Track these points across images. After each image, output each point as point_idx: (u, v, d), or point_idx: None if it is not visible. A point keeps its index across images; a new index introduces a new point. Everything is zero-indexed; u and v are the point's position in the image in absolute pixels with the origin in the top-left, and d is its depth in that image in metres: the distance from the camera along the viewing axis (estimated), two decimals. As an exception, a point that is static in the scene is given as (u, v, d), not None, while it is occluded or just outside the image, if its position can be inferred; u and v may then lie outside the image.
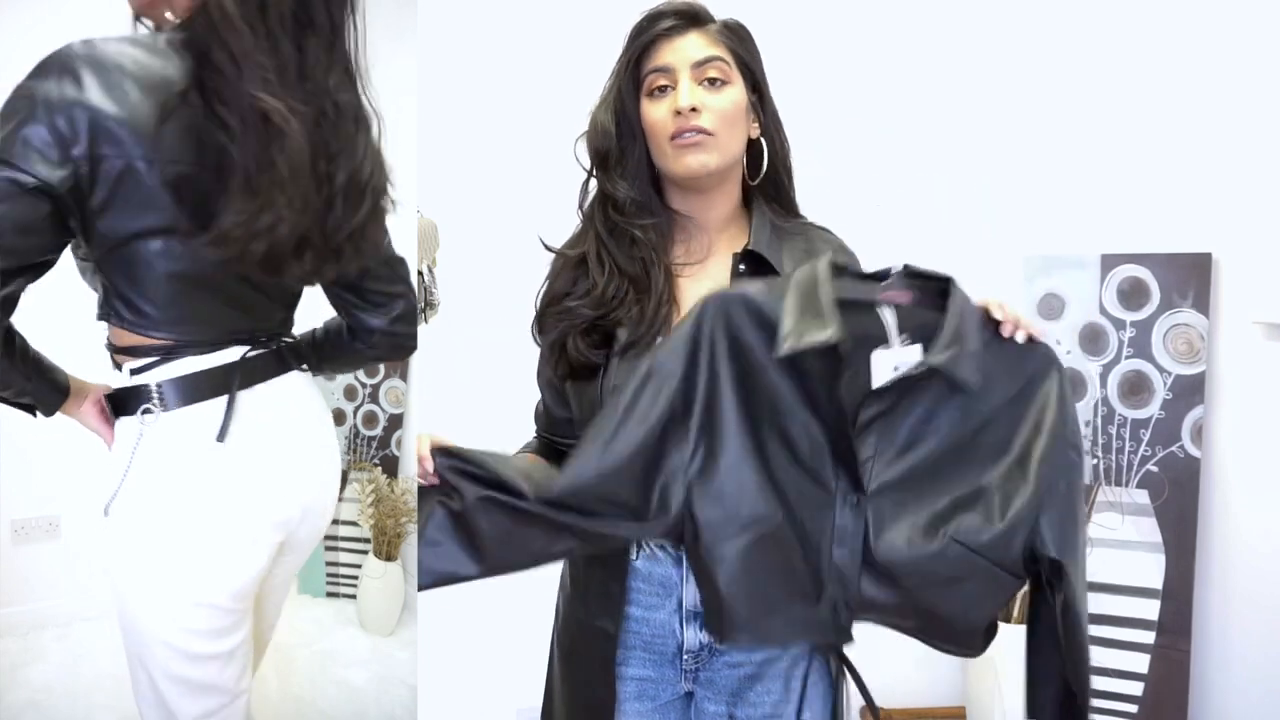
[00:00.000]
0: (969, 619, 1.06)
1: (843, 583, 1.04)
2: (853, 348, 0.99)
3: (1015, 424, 1.05)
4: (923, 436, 1.05)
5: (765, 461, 1.02)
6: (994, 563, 1.02)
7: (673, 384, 1.01)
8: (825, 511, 1.03)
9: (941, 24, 2.17)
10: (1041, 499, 1.03)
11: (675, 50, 1.17)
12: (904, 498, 1.04)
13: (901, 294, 1.04)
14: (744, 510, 1.01)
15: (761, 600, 1.02)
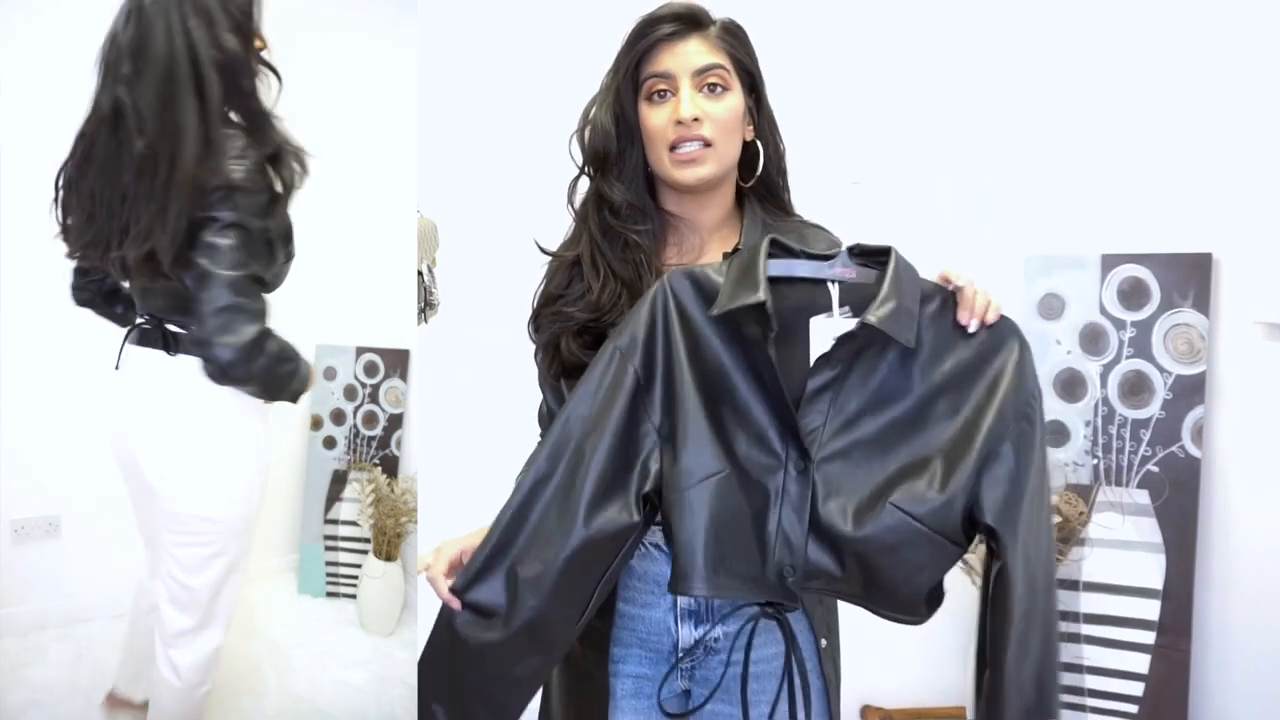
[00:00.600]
0: (911, 586, 1.06)
1: (789, 548, 1.06)
2: (798, 318, 1.05)
3: (967, 393, 1.07)
4: (874, 407, 1.07)
5: (717, 424, 1.07)
6: (934, 530, 1.03)
7: (635, 360, 1.08)
8: (774, 477, 1.06)
9: (942, 24, 2.17)
10: (983, 467, 1.04)
11: (676, 56, 1.16)
12: (851, 466, 1.06)
13: (847, 270, 1.08)
14: (701, 463, 1.05)
15: (714, 553, 1.05)
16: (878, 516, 1.03)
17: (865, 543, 1.04)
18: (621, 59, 1.20)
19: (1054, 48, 2.15)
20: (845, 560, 1.05)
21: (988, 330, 1.08)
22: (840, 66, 2.17)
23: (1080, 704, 2.16)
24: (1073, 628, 2.16)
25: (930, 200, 2.19)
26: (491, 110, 2.21)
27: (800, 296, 1.07)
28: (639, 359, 1.08)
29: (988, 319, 1.07)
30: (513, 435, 2.27)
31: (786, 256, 1.08)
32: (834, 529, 1.04)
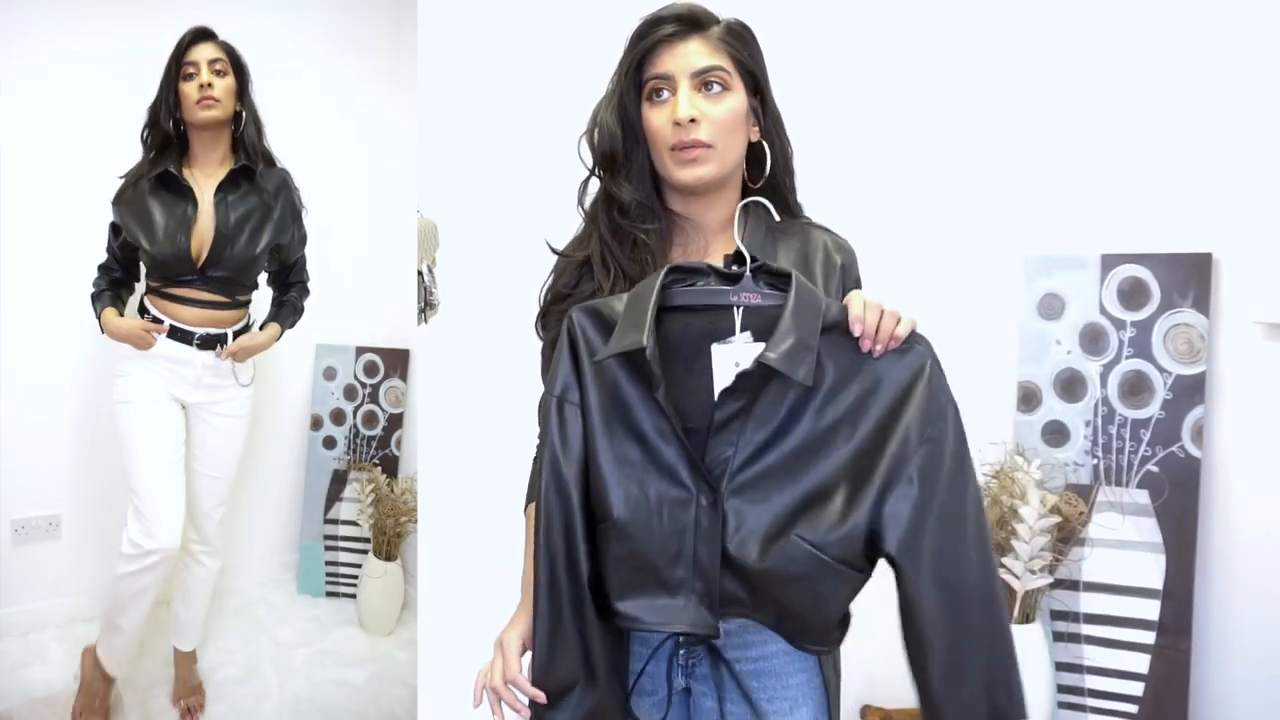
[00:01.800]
0: (820, 615, 1.07)
1: (705, 579, 1.07)
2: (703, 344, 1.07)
3: (870, 418, 1.06)
4: (781, 435, 1.07)
5: (620, 462, 1.08)
6: (836, 560, 1.04)
7: (575, 397, 1.10)
8: (685, 510, 1.07)
9: (942, 24, 2.17)
10: (885, 494, 1.04)
11: (676, 57, 1.16)
12: (760, 496, 1.06)
13: (752, 294, 1.08)
14: (600, 503, 1.08)
15: (625, 587, 1.08)
16: (784, 549, 1.04)
17: (772, 574, 1.04)
18: (624, 60, 1.20)
19: (1054, 48, 2.15)
20: (754, 590, 1.06)
21: (896, 352, 1.07)
22: (840, 66, 2.17)
23: (1080, 704, 2.16)
24: (1073, 628, 2.16)
25: (930, 200, 2.19)
26: (492, 110, 2.20)
27: (705, 321, 1.08)
28: (577, 396, 1.10)
29: (895, 336, 1.06)
30: (513, 435, 2.27)
31: (693, 278, 1.09)
32: (742, 562, 1.05)
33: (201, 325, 2.12)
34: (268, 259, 2.22)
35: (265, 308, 2.36)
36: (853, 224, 1.79)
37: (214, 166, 2.13)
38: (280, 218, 2.16)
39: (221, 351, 2.14)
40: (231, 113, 2.12)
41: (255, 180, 2.14)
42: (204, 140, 2.11)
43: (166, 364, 2.12)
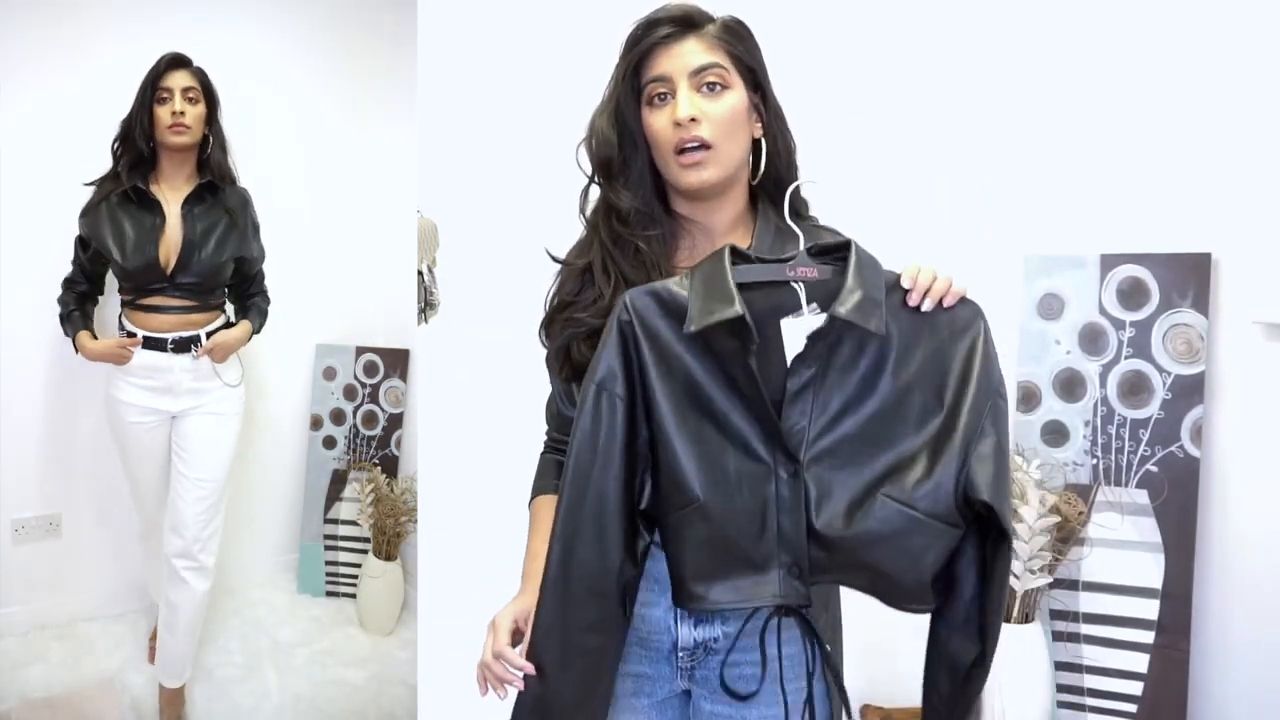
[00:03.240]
0: (916, 572, 1.07)
1: (792, 550, 1.07)
2: (768, 321, 1.06)
3: (942, 378, 1.08)
4: (856, 401, 1.09)
5: (695, 441, 1.08)
6: (929, 515, 1.05)
7: (618, 388, 1.09)
8: (765, 484, 1.08)
9: (942, 24, 2.17)
10: (969, 447, 1.06)
11: (673, 58, 1.16)
12: (841, 463, 1.07)
13: (808, 270, 1.09)
14: (678, 488, 1.07)
15: (704, 571, 1.07)
16: (871, 510, 1.05)
17: (862, 537, 1.05)
18: (620, 65, 1.19)
19: (1054, 48, 2.15)
20: (845, 555, 1.07)
21: (953, 312, 1.10)
22: (840, 66, 2.17)
23: (1080, 704, 2.16)
24: (1072, 627, 2.17)
25: (930, 200, 2.19)
26: (492, 110, 2.21)
27: (767, 300, 1.08)
28: (621, 386, 1.09)
29: (946, 300, 1.09)
30: (513, 435, 2.27)
31: (744, 263, 1.10)
32: (830, 531, 1.05)
33: (174, 330, 2.16)
34: (231, 271, 2.29)
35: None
36: (853, 224, 1.79)
37: (180, 182, 2.23)
38: (243, 231, 2.26)
39: (197, 351, 2.16)
40: (200, 137, 2.18)
41: (219, 196, 2.23)
42: (173, 159, 2.22)
43: (146, 373, 2.17)
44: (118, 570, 2.64)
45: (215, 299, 2.26)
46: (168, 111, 2.13)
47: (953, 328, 1.10)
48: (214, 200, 2.21)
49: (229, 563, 2.75)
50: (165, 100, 2.14)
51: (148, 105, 2.14)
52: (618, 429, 1.08)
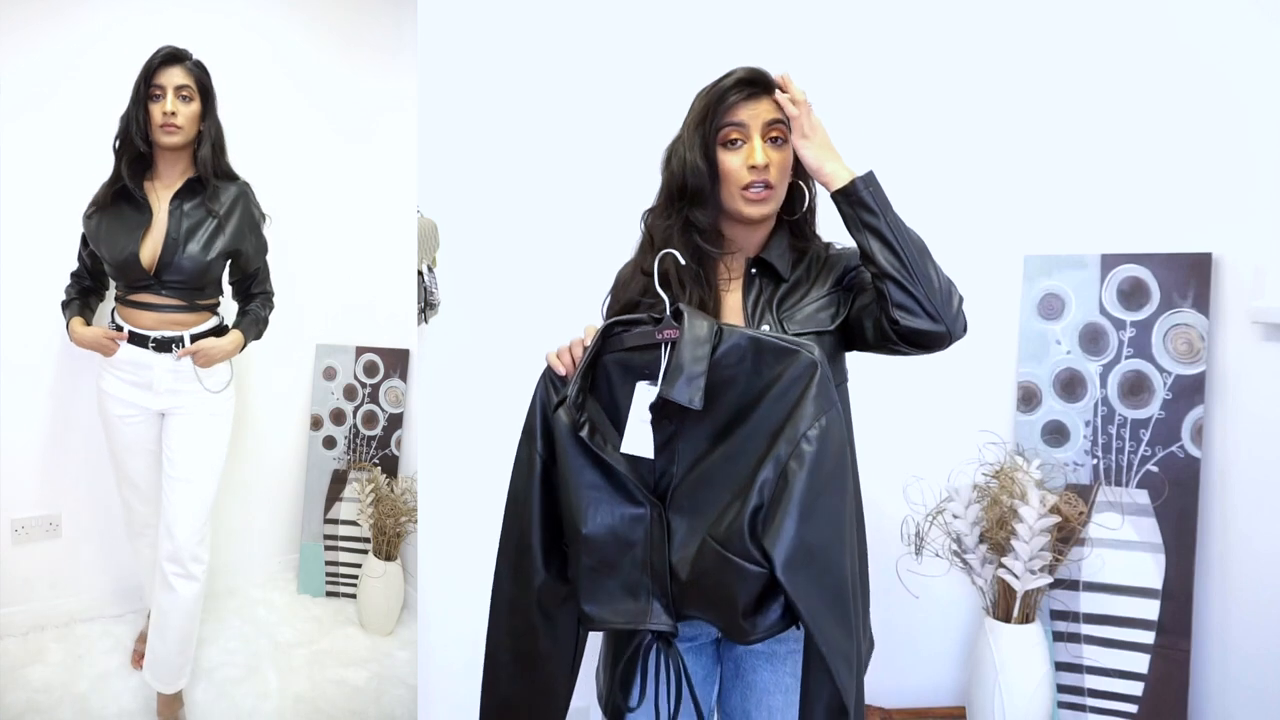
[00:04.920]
0: (729, 605, 1.18)
1: (660, 582, 1.25)
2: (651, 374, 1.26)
3: (770, 425, 1.20)
4: (707, 451, 1.25)
5: (589, 487, 1.27)
6: (733, 554, 1.16)
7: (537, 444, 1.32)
8: (640, 524, 1.27)
9: (943, 24, 2.17)
10: (762, 490, 1.16)
11: (750, 111, 1.38)
12: (691, 506, 1.24)
13: (672, 331, 1.25)
14: (571, 523, 1.27)
15: (592, 593, 1.27)
16: (697, 549, 1.21)
17: (696, 573, 1.21)
18: (702, 109, 1.40)
19: (1054, 47, 2.15)
20: (689, 588, 1.22)
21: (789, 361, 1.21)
22: (841, 66, 2.17)
23: (1080, 704, 2.16)
24: (1073, 628, 2.17)
25: (930, 200, 2.19)
26: (492, 110, 2.21)
27: (646, 358, 1.28)
28: (539, 444, 1.32)
29: (796, 102, 1.35)
30: (512, 435, 2.27)
31: (633, 325, 1.29)
32: (678, 572, 1.23)
33: (158, 328, 2.16)
34: (227, 267, 2.28)
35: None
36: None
37: (174, 179, 2.22)
38: (236, 227, 2.22)
39: (178, 352, 2.16)
40: (194, 135, 2.17)
41: (209, 191, 2.20)
42: (166, 157, 2.20)
43: (129, 368, 2.17)
44: (118, 570, 2.64)
45: (205, 298, 2.24)
46: (159, 110, 2.12)
47: (791, 377, 1.20)
48: (203, 196, 2.19)
49: (229, 563, 2.74)
50: (158, 98, 2.12)
51: (142, 102, 2.12)
52: (535, 475, 1.31)
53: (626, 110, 2.13)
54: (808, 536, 1.13)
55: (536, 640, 1.34)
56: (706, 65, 1.47)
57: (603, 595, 1.26)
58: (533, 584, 1.32)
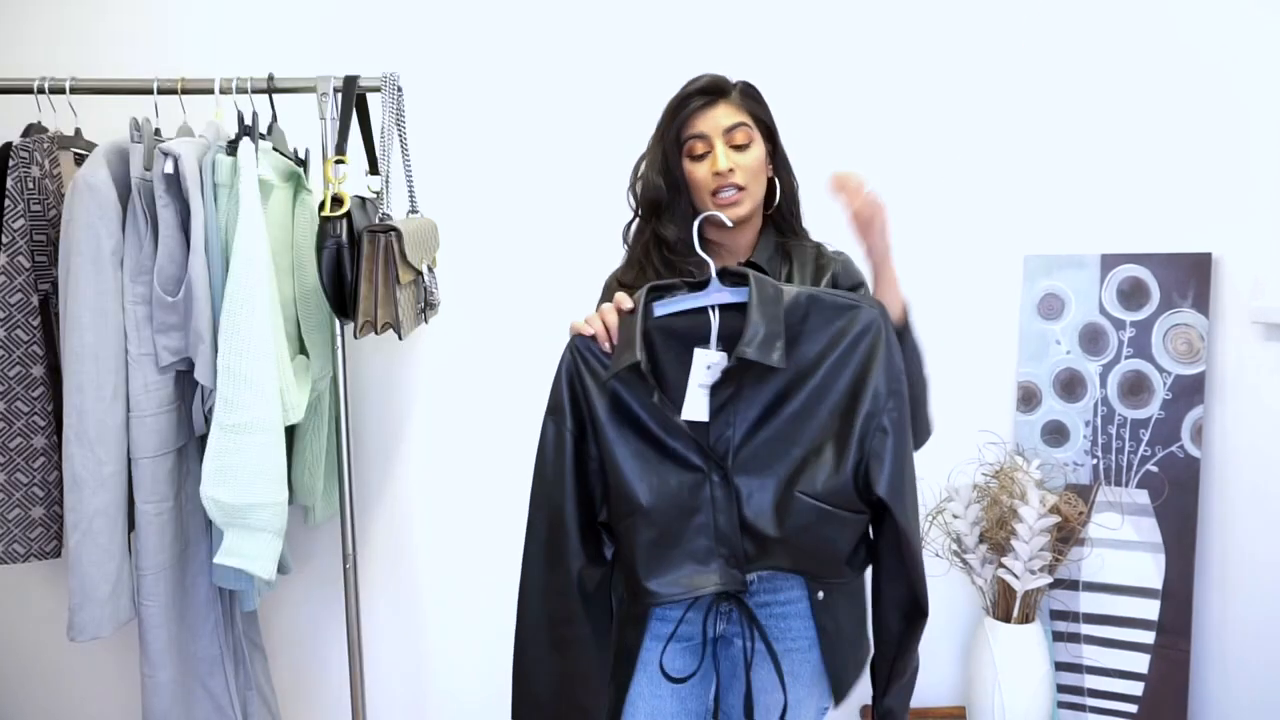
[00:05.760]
0: (832, 554, 1.25)
1: (728, 544, 1.25)
2: (692, 342, 1.26)
3: (843, 382, 1.24)
4: (772, 409, 1.25)
5: (636, 457, 1.26)
6: (836, 506, 1.21)
7: (567, 421, 1.29)
8: (700, 489, 1.25)
9: (943, 24, 2.17)
10: (867, 446, 1.22)
11: (708, 120, 1.40)
12: (762, 465, 1.25)
13: (721, 293, 1.26)
14: (624, 499, 1.25)
15: (654, 566, 1.24)
16: (791, 507, 1.22)
17: (787, 531, 1.22)
18: (664, 127, 1.43)
19: (1054, 48, 2.15)
20: (772, 544, 1.23)
21: (854, 316, 1.25)
22: (841, 66, 2.17)
23: (1080, 704, 2.16)
24: (1073, 627, 2.17)
25: (930, 200, 2.19)
26: (492, 110, 2.21)
27: (690, 322, 1.27)
28: (569, 420, 1.29)
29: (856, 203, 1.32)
30: (512, 435, 2.27)
31: (670, 295, 1.28)
32: (760, 526, 1.23)
33: None
34: None
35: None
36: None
37: None
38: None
39: None
40: None
41: None
42: None
43: None
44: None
45: None
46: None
47: (854, 332, 1.24)
48: None
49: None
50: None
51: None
52: (566, 452, 1.28)
53: (626, 110, 2.13)
54: (903, 472, 1.23)
55: (574, 626, 1.29)
56: (706, 66, 1.47)
57: (665, 567, 1.24)
58: (571, 568, 1.28)
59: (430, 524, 2.30)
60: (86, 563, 1.68)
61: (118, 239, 1.68)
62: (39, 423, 1.77)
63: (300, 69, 1.91)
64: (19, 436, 1.76)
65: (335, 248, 1.72)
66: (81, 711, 2.33)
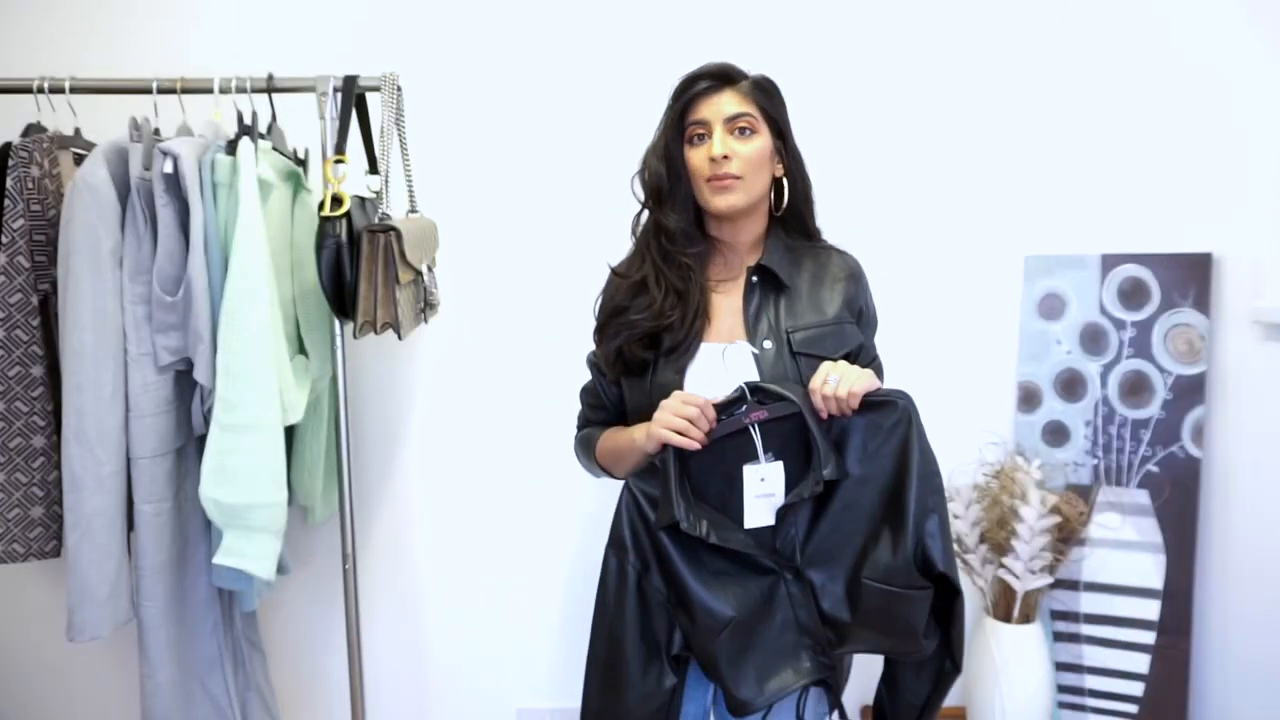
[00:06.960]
0: (909, 631, 1.29)
1: (812, 634, 1.33)
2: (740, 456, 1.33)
3: (884, 469, 1.31)
4: (826, 504, 1.33)
5: (712, 575, 1.33)
6: (902, 587, 1.27)
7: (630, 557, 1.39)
8: (777, 588, 1.34)
9: (943, 23, 2.17)
10: (921, 526, 1.28)
11: (711, 106, 1.38)
12: (828, 557, 1.33)
13: (758, 412, 1.32)
14: (711, 616, 1.32)
15: (752, 676, 1.31)
16: (861, 591, 1.29)
17: (861, 617, 1.30)
18: (668, 112, 1.41)
19: (1054, 48, 2.15)
20: (850, 630, 1.31)
21: (885, 412, 1.30)
22: (842, 66, 2.17)
23: (1080, 704, 2.16)
24: (1073, 628, 2.16)
25: (930, 200, 2.19)
26: (492, 110, 2.21)
27: (734, 446, 1.33)
28: (632, 555, 1.38)
29: (849, 406, 1.29)
30: (512, 434, 2.27)
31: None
32: (836, 615, 1.32)
33: None
34: None
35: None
36: (854, 224, 1.79)
37: None
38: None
39: None
40: None
41: None
42: None
43: None
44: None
45: None
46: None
47: (888, 426, 1.30)
48: None
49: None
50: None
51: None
52: (629, 586, 1.37)
53: (626, 110, 2.13)
54: (950, 541, 1.31)
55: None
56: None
57: (751, 675, 1.31)
58: (625, 697, 1.36)
59: (430, 524, 2.30)
60: (85, 563, 1.68)
61: (117, 239, 1.68)
62: (38, 423, 1.77)
63: (300, 68, 1.90)
64: (18, 436, 1.76)
65: (335, 247, 1.72)
66: (80, 711, 2.33)
